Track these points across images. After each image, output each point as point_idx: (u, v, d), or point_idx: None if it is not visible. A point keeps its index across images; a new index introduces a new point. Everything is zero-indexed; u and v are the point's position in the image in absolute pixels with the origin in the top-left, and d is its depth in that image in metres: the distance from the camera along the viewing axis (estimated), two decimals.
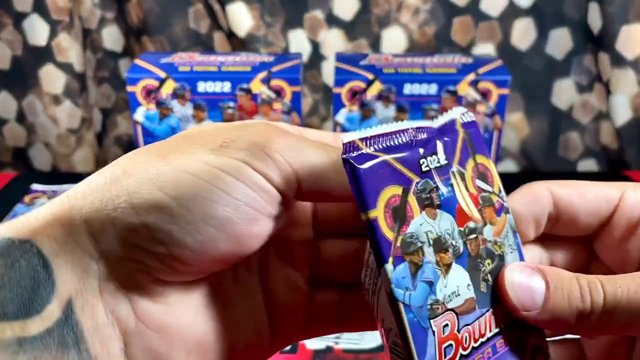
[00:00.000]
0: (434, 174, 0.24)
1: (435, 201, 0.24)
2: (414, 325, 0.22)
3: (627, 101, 0.83)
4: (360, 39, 0.84)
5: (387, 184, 0.23)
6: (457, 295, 0.24)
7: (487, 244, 0.25)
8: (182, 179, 0.20)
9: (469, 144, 0.26)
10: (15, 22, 0.83)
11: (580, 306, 0.22)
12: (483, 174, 0.26)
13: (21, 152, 0.92)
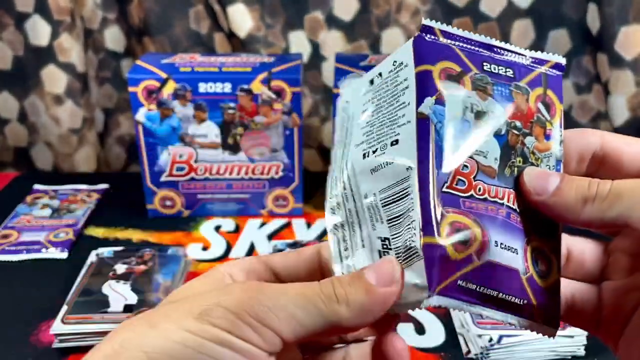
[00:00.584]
0: (494, 75, 0.28)
1: (488, 90, 0.28)
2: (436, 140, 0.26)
3: (625, 102, 0.83)
4: (360, 39, 0.85)
5: (447, 59, 0.28)
6: (484, 156, 0.27)
7: (525, 148, 0.28)
8: (171, 349, 0.22)
9: (544, 78, 0.30)
10: (16, 22, 0.83)
11: (585, 193, 0.25)
12: (547, 104, 0.30)
13: (23, 152, 0.92)
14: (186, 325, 0.22)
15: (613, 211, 0.24)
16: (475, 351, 0.50)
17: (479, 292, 0.25)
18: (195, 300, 0.23)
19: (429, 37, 0.28)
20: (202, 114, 0.66)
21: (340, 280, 0.24)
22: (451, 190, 0.27)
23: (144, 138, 0.67)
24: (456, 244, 0.25)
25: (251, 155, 0.68)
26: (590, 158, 0.29)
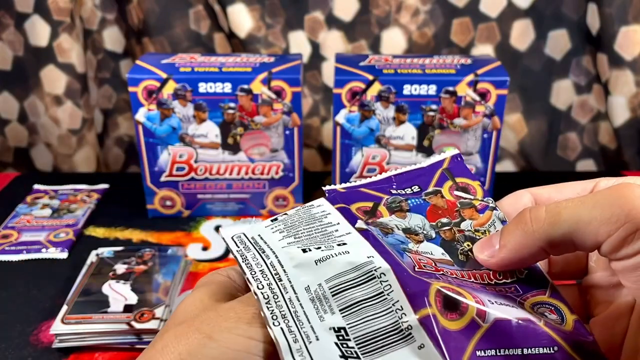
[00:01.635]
0: (403, 195, 0.31)
1: (404, 207, 0.31)
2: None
3: (625, 102, 0.83)
4: (360, 39, 0.85)
5: (358, 201, 0.31)
6: (431, 254, 0.28)
7: (466, 232, 0.30)
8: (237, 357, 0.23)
9: (447, 173, 0.33)
10: (16, 23, 0.83)
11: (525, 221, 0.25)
12: (464, 188, 0.32)
13: (23, 153, 0.92)
14: (243, 332, 0.23)
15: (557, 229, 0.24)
16: None
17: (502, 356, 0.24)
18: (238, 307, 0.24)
19: (334, 194, 0.32)
20: (202, 114, 0.66)
21: None
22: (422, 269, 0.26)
23: (144, 138, 0.67)
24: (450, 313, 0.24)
25: (251, 155, 0.68)
26: None
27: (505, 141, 0.90)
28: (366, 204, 0.30)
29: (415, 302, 0.24)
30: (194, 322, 0.24)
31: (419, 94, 0.64)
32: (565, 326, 0.25)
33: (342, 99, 0.64)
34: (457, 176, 0.33)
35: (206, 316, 0.25)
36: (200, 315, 0.25)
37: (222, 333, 0.23)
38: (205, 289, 0.28)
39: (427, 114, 0.65)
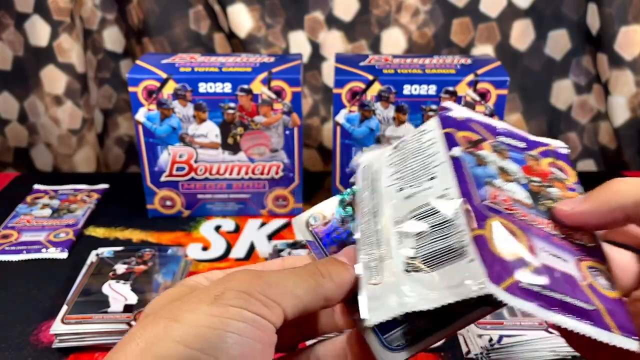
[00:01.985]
0: (508, 145, 0.34)
1: (505, 153, 0.33)
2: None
3: (625, 102, 0.83)
4: (360, 39, 0.85)
5: (466, 130, 0.33)
6: (514, 193, 0.30)
7: (552, 195, 0.31)
8: (200, 333, 0.24)
9: (552, 152, 0.35)
10: (16, 22, 0.83)
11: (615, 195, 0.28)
12: (561, 169, 0.34)
13: (23, 153, 0.92)
14: (207, 311, 0.24)
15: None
16: (475, 351, 0.50)
17: (543, 295, 0.25)
18: (201, 292, 0.26)
19: (449, 119, 0.34)
20: (202, 114, 0.66)
21: (320, 262, 0.29)
22: (492, 204, 0.29)
23: (144, 138, 0.67)
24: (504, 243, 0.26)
25: (251, 155, 0.68)
26: None
27: None
28: (473, 135, 0.33)
29: (473, 224, 0.27)
30: (160, 312, 0.26)
31: (419, 94, 0.64)
32: (610, 293, 0.27)
33: (342, 99, 0.64)
34: (559, 159, 0.35)
35: (171, 305, 0.26)
36: (166, 306, 0.26)
37: (184, 315, 0.24)
38: (173, 290, 0.29)
39: (427, 114, 0.65)
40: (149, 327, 0.25)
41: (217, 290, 0.25)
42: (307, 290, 0.27)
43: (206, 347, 0.24)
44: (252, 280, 0.26)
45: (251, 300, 0.25)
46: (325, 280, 0.28)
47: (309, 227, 0.35)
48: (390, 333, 0.29)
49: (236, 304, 0.25)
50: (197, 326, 0.24)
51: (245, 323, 0.25)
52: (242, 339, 0.24)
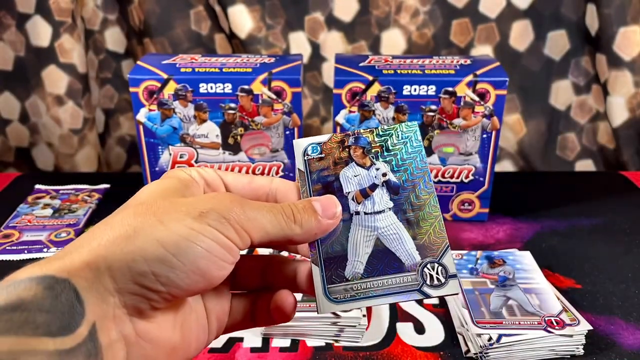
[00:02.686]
0: None
1: None
2: None
3: (624, 102, 0.84)
4: (360, 40, 0.85)
5: None
6: None
7: None
8: (178, 241, 0.28)
9: None
10: (18, 23, 0.84)
11: None
12: None
13: (24, 152, 0.92)
14: (189, 224, 0.28)
15: None
16: (475, 350, 0.50)
17: None
18: (190, 203, 0.30)
19: None
20: (203, 115, 0.66)
21: (297, 205, 0.32)
22: None
23: (145, 138, 0.67)
24: None
25: (251, 155, 0.69)
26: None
27: (505, 141, 0.91)
28: None
29: None
30: (152, 206, 0.29)
31: (419, 95, 0.64)
32: None
33: (342, 99, 0.65)
34: None
35: (162, 204, 0.30)
36: (157, 202, 0.30)
37: (170, 220, 0.28)
38: (168, 182, 0.33)
39: (426, 114, 0.65)
40: (140, 218, 0.29)
41: (204, 207, 0.29)
42: (277, 230, 0.31)
43: (180, 254, 0.28)
44: (235, 209, 0.30)
45: (227, 226, 0.29)
46: (295, 226, 0.32)
47: (305, 156, 0.36)
48: (334, 285, 0.33)
49: (214, 226, 0.29)
50: (178, 234, 0.28)
51: (216, 243, 0.29)
52: (210, 255, 0.29)
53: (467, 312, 0.53)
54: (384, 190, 0.35)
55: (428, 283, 0.33)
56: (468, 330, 0.52)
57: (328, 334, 0.52)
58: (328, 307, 0.33)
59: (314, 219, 0.32)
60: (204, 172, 0.35)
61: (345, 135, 0.36)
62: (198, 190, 0.34)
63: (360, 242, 0.34)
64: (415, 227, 0.34)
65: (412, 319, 0.55)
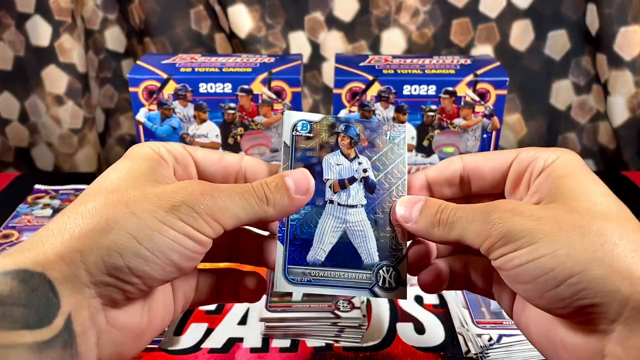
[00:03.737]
0: None
1: None
2: None
3: (624, 102, 0.84)
4: (360, 40, 0.85)
5: None
6: None
7: None
8: (152, 236, 0.28)
9: None
10: (17, 23, 0.84)
11: (432, 220, 0.32)
12: None
13: (24, 152, 0.92)
14: (161, 218, 0.29)
15: (452, 234, 0.32)
16: (475, 350, 0.50)
17: None
18: (162, 195, 0.30)
19: None
20: (203, 114, 0.66)
21: (269, 185, 0.32)
22: None
23: (145, 138, 0.67)
24: None
25: (251, 155, 0.69)
26: (460, 180, 0.36)
27: (505, 141, 0.91)
28: None
29: None
30: (123, 196, 0.29)
31: (419, 94, 0.64)
32: None
33: (342, 99, 0.65)
34: None
35: (134, 194, 0.30)
36: (129, 191, 0.30)
37: (143, 213, 0.29)
38: (136, 164, 0.32)
39: (426, 114, 0.65)
40: (113, 209, 0.29)
41: (175, 200, 0.29)
42: (250, 215, 0.31)
43: (154, 249, 0.28)
44: (205, 201, 0.30)
45: (198, 219, 0.30)
46: (268, 208, 0.32)
47: (294, 131, 0.36)
48: (294, 266, 0.34)
49: (185, 220, 0.29)
50: (150, 228, 0.28)
51: (187, 237, 0.29)
52: (182, 249, 0.29)
53: (468, 312, 0.53)
54: (360, 186, 0.35)
55: (380, 284, 0.34)
56: (468, 331, 0.51)
57: (328, 334, 0.52)
58: (284, 286, 0.34)
59: (287, 197, 0.32)
60: (172, 148, 0.35)
61: (337, 119, 0.36)
62: (167, 170, 0.34)
63: (327, 231, 0.35)
64: (380, 229, 0.35)
65: (412, 319, 0.55)
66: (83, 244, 0.28)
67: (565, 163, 0.32)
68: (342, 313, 0.52)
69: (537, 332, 0.32)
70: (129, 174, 0.32)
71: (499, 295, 0.36)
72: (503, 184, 0.35)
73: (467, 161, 0.35)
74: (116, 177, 0.31)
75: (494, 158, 0.35)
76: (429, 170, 0.36)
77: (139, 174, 0.32)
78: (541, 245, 0.28)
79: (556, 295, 0.28)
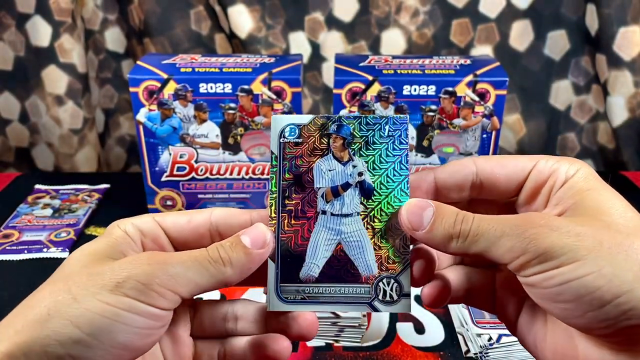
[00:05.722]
0: None
1: None
2: None
3: (624, 102, 0.84)
4: (359, 40, 0.85)
5: None
6: None
7: None
8: (92, 319, 0.27)
9: None
10: (18, 23, 0.84)
11: (451, 231, 0.29)
12: None
13: (24, 152, 0.92)
14: (104, 298, 0.27)
15: (474, 248, 0.29)
16: (475, 350, 0.50)
17: None
18: (107, 273, 0.28)
19: None
20: (203, 115, 0.66)
21: (224, 246, 0.30)
22: None
23: (145, 138, 0.67)
24: None
25: (251, 155, 0.69)
26: (470, 185, 0.33)
27: (505, 141, 0.91)
28: None
29: None
30: (68, 281, 0.28)
31: (419, 95, 0.64)
32: None
33: (342, 99, 0.65)
34: None
35: (79, 278, 0.28)
36: (74, 277, 0.29)
37: (85, 297, 0.27)
38: (98, 245, 0.31)
39: (426, 114, 0.65)
40: (54, 297, 0.28)
41: (119, 276, 0.28)
42: (208, 279, 0.30)
43: (95, 333, 0.27)
44: (154, 272, 0.28)
45: (148, 292, 0.28)
46: (226, 269, 0.30)
47: (281, 138, 0.33)
48: (286, 284, 0.32)
49: (132, 295, 0.28)
50: (92, 312, 0.27)
51: (136, 314, 0.27)
52: (130, 328, 0.27)
53: (467, 312, 0.53)
54: (356, 192, 0.32)
55: (380, 298, 0.32)
56: (468, 330, 0.52)
57: (328, 334, 0.52)
58: (277, 306, 0.32)
59: (244, 254, 0.30)
60: (140, 222, 0.33)
61: (328, 119, 0.33)
62: (130, 247, 0.32)
63: (320, 245, 0.32)
64: (380, 238, 0.32)
65: (412, 319, 0.55)
66: (24, 337, 0.27)
67: (586, 176, 0.31)
68: (342, 313, 0.52)
69: (552, 349, 0.31)
70: (86, 255, 0.31)
71: (501, 309, 0.35)
72: (516, 192, 0.33)
73: (481, 166, 0.33)
74: (73, 260, 0.30)
75: (509, 165, 0.33)
76: (437, 171, 0.33)
77: (93, 255, 0.30)
78: (585, 262, 0.27)
79: (600, 315, 0.27)
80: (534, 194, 0.32)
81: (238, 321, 0.35)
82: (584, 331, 0.28)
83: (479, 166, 0.33)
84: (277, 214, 0.32)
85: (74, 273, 0.29)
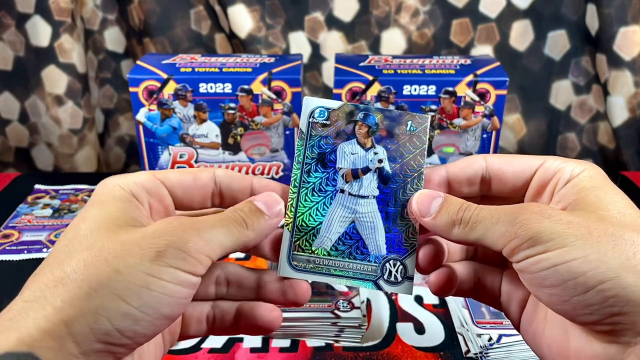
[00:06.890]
0: None
1: None
2: None
3: (624, 102, 0.84)
4: (359, 40, 0.85)
5: None
6: None
7: None
8: (139, 292, 0.27)
9: None
10: (17, 23, 0.84)
11: (454, 218, 0.31)
12: None
13: (24, 153, 0.92)
14: (147, 269, 0.27)
15: (473, 235, 0.31)
16: (475, 350, 0.50)
17: None
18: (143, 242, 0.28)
19: None
20: (203, 114, 0.66)
21: (243, 210, 0.32)
22: None
23: (145, 138, 0.67)
24: None
25: (251, 155, 0.69)
26: (480, 180, 0.35)
27: (505, 141, 0.91)
28: None
29: None
30: (102, 252, 0.28)
31: (419, 94, 0.64)
32: None
33: (342, 99, 0.65)
34: None
35: (112, 247, 0.28)
36: (106, 244, 0.28)
37: (127, 268, 0.27)
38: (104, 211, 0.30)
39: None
40: (92, 270, 0.27)
41: (159, 245, 0.28)
42: (233, 242, 0.31)
43: (141, 305, 0.27)
44: (192, 238, 0.29)
45: (188, 259, 0.28)
46: (249, 232, 0.31)
47: (311, 118, 0.35)
48: (299, 253, 0.34)
49: (175, 265, 0.28)
50: (137, 284, 0.27)
51: (178, 284, 0.28)
52: (172, 298, 0.28)
53: (467, 312, 0.53)
54: (374, 177, 0.35)
55: (385, 277, 0.34)
56: (468, 331, 0.51)
57: (328, 334, 0.52)
58: (287, 272, 0.34)
59: (263, 219, 0.32)
60: (143, 180, 0.33)
61: (356, 107, 0.35)
62: (140, 210, 0.32)
63: (335, 221, 0.34)
64: (391, 222, 0.34)
65: (412, 319, 0.55)
66: (67, 314, 0.26)
67: (591, 175, 0.31)
68: (342, 313, 0.52)
69: (547, 343, 0.32)
70: (100, 223, 0.30)
71: (506, 305, 0.36)
72: (524, 189, 0.34)
73: (491, 162, 0.35)
74: (88, 230, 0.29)
75: (518, 162, 0.34)
76: (450, 166, 0.35)
77: (110, 222, 0.30)
78: (572, 248, 0.27)
79: (584, 300, 0.27)
80: (540, 191, 0.33)
81: (229, 287, 0.36)
82: (571, 319, 0.29)
83: (488, 162, 0.34)
84: (298, 187, 0.34)
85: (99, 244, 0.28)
